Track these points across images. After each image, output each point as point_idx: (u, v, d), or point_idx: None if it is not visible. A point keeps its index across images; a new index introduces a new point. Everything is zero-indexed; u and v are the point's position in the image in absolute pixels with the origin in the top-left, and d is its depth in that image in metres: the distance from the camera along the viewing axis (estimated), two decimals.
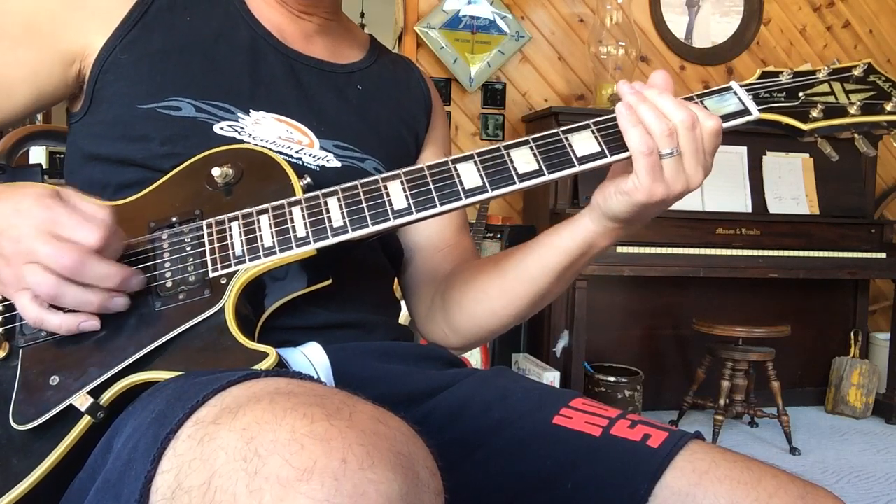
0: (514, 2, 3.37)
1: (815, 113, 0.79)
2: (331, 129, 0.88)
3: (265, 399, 0.46)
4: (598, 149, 0.74)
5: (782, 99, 0.79)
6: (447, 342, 0.95)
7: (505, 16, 3.32)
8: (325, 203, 0.72)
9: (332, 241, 0.71)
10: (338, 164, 0.86)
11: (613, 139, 0.74)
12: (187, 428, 0.48)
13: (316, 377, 0.67)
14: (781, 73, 0.81)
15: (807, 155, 3.28)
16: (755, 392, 3.07)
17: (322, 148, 0.86)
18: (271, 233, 0.71)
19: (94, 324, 0.66)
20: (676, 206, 0.78)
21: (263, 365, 0.65)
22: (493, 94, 3.33)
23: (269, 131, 0.83)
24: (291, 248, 0.71)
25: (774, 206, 3.21)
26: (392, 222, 0.71)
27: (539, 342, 3.11)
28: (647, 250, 2.90)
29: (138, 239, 0.73)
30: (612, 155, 0.73)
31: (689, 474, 0.65)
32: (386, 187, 0.73)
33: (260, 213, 0.73)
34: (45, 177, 0.84)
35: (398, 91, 1.00)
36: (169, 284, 0.71)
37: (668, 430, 0.70)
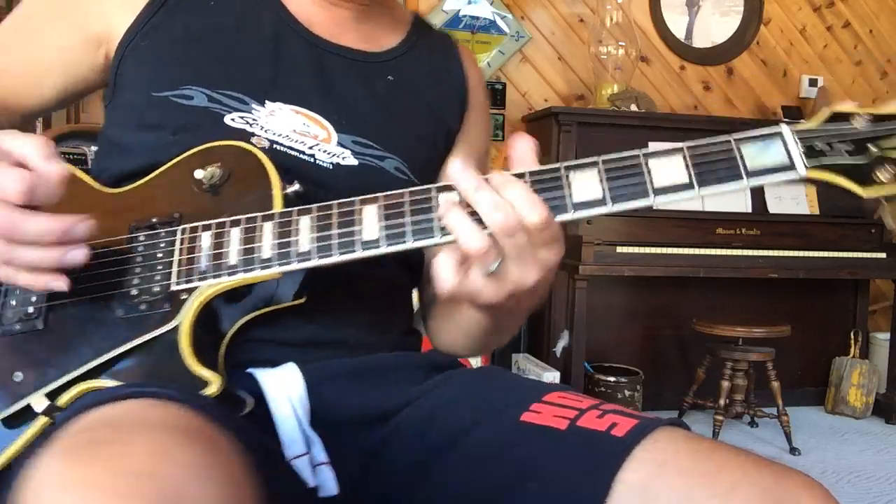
0: (514, 2, 3.37)
1: (883, 175, 0.61)
2: (351, 124, 0.82)
3: (82, 433, 0.47)
4: (600, 195, 0.62)
5: (845, 152, 0.62)
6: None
7: (505, 16, 3.32)
8: (297, 222, 0.66)
9: (295, 266, 0.66)
10: (354, 162, 0.80)
11: (619, 187, 0.62)
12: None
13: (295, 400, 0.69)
14: (856, 116, 0.62)
15: None
16: (755, 392, 3.07)
17: (339, 144, 0.80)
18: (238, 249, 0.67)
19: (60, 284, 0.62)
20: (676, 206, 0.74)
21: (207, 392, 0.64)
22: (494, 93, 3.33)
23: (283, 124, 0.79)
24: (255, 269, 0.66)
25: (774, 206, 3.21)
26: (358, 254, 0.65)
27: (539, 342, 3.11)
28: (647, 250, 2.90)
29: (117, 238, 0.71)
30: (613, 205, 0.62)
31: (649, 465, 0.59)
32: (361, 212, 0.65)
33: (233, 224, 0.68)
34: None
35: (434, 79, 0.92)
36: (134, 292, 0.68)
37: (640, 417, 0.64)
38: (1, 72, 0.83)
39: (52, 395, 0.65)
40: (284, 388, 0.71)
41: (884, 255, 3.13)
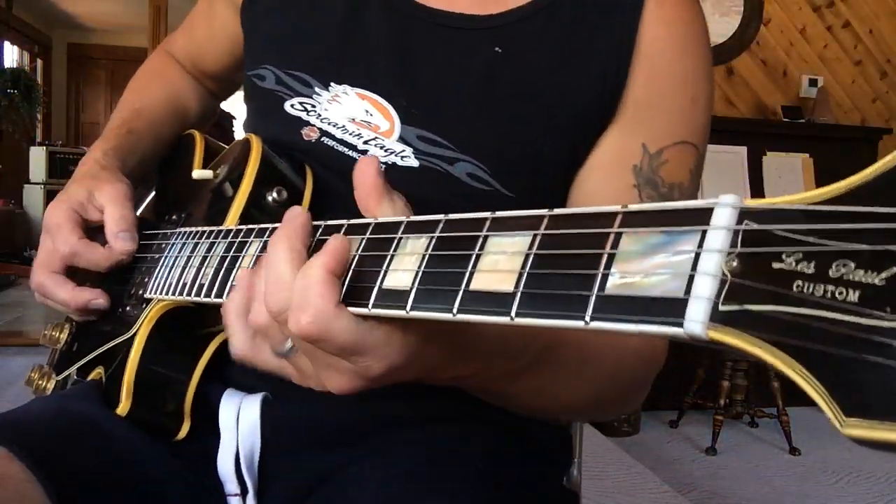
0: None
1: None
2: (422, 114, 0.66)
3: None
4: (408, 286, 0.38)
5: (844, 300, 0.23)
6: None
7: None
8: (249, 245, 0.52)
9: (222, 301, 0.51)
10: (414, 163, 0.65)
11: (432, 278, 0.37)
12: None
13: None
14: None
15: (806, 155, 3.28)
16: (755, 392, 3.07)
17: (401, 139, 0.66)
18: (195, 265, 0.58)
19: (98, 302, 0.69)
20: None
21: (116, 411, 0.63)
22: None
23: (342, 113, 0.67)
24: (191, 293, 0.57)
25: None
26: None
27: None
28: None
29: (152, 232, 0.72)
30: (410, 310, 0.37)
31: None
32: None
33: (202, 235, 0.60)
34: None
35: (574, 44, 0.66)
36: (132, 290, 0.68)
37: None
38: (191, 40, 0.91)
39: (81, 371, 0.70)
40: (234, 424, 0.65)
41: None
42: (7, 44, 7.24)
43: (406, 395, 0.47)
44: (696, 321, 0.26)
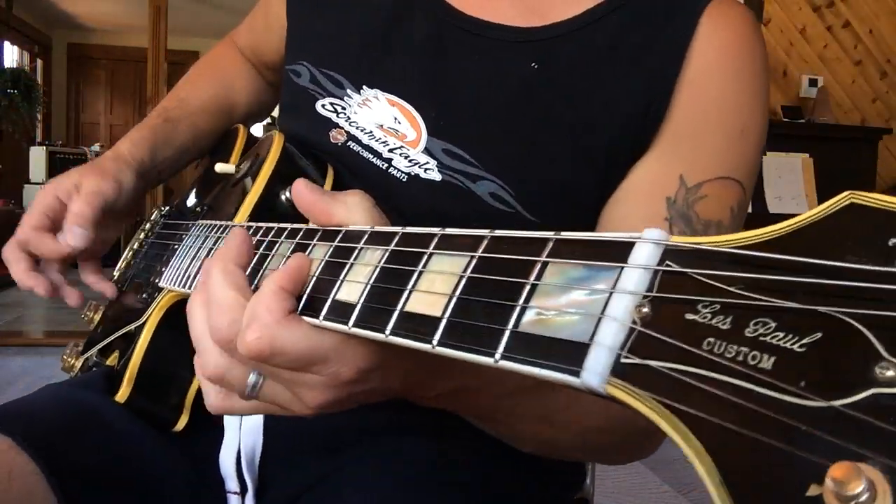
0: None
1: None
2: (450, 127, 0.64)
3: None
4: (354, 300, 0.36)
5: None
6: None
7: None
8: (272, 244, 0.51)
9: None
10: (437, 176, 0.63)
11: (376, 293, 0.37)
12: None
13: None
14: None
15: (806, 155, 3.28)
16: None
17: (426, 150, 0.64)
18: (200, 258, 0.58)
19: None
20: None
21: (115, 397, 0.63)
22: None
23: (371, 117, 0.66)
24: (192, 286, 0.57)
25: (774, 206, 3.21)
26: None
27: None
28: None
29: (178, 222, 0.73)
30: (352, 326, 0.36)
31: None
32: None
33: (213, 229, 0.60)
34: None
35: (619, 64, 0.61)
36: (151, 278, 0.70)
37: None
38: (252, 31, 0.92)
39: (101, 353, 0.72)
40: (238, 422, 0.64)
41: None
42: (7, 44, 7.24)
43: (401, 404, 0.46)
44: (593, 372, 0.23)
